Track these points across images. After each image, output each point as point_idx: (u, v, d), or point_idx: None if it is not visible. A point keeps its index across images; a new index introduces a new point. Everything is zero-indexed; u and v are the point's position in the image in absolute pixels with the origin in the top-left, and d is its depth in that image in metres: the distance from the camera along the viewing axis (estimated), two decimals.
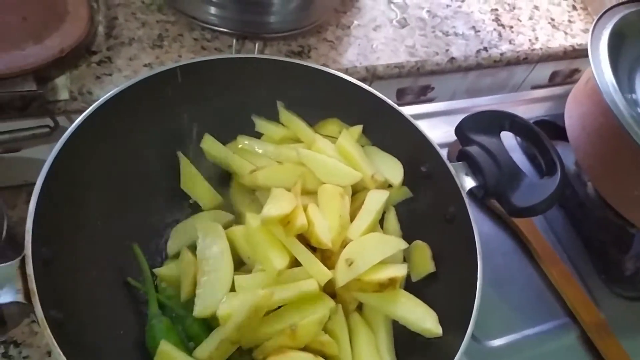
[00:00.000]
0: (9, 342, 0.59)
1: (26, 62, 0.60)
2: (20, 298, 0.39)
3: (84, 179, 0.50)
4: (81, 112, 0.50)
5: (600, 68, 0.62)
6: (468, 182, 0.54)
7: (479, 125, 0.57)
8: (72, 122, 0.65)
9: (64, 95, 0.65)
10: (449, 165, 0.54)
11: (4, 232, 0.55)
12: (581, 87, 0.70)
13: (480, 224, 0.70)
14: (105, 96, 0.51)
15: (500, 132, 0.57)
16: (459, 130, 0.57)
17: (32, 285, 0.39)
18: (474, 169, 0.54)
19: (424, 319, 0.49)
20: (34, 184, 0.69)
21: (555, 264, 0.66)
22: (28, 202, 0.69)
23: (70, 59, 0.67)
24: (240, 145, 0.58)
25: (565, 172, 0.53)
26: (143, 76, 0.53)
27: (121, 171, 0.53)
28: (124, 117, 0.53)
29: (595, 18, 0.67)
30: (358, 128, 0.59)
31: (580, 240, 0.71)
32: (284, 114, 0.60)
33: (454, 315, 0.49)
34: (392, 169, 0.57)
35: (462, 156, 0.55)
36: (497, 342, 0.61)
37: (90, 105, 0.51)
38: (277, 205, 0.48)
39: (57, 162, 0.46)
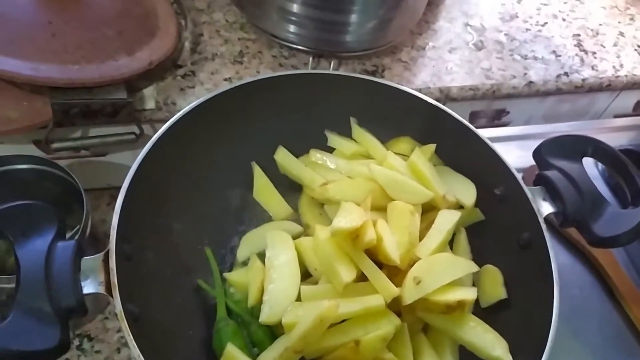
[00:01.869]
0: (84, 336, 0.63)
1: (118, 72, 0.64)
2: (102, 290, 0.42)
3: (165, 183, 0.53)
4: (165, 121, 0.53)
5: None
6: (546, 208, 0.52)
7: (559, 150, 0.55)
8: (155, 130, 0.69)
9: (150, 104, 0.69)
10: (526, 189, 0.52)
11: (88, 229, 0.58)
12: None
13: (555, 252, 0.67)
14: (188, 106, 0.54)
15: (582, 158, 0.54)
16: (537, 153, 0.55)
17: (114, 278, 0.41)
18: (553, 194, 0.52)
19: (493, 346, 0.47)
20: (116, 187, 0.74)
21: (636, 301, 0.62)
22: (110, 204, 0.74)
23: (158, 72, 0.71)
24: (312, 159, 0.59)
25: None
26: (223, 89, 0.56)
27: (199, 178, 0.56)
28: (204, 127, 0.55)
29: None
30: (431, 147, 0.59)
31: None
32: (357, 130, 0.60)
33: (525, 346, 0.47)
34: (465, 190, 0.56)
35: (540, 180, 0.53)
36: None
37: (174, 114, 0.53)
38: (348, 218, 0.48)
39: (142, 166, 0.48)
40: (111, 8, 0.69)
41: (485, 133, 0.79)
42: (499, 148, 0.55)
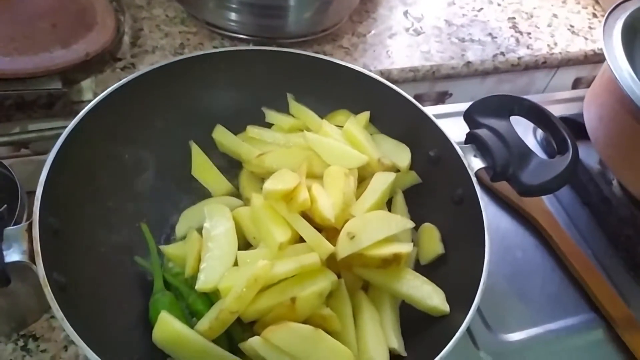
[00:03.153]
0: (28, 336, 0.60)
1: (53, 64, 0.64)
2: (25, 258, 0.41)
3: (98, 158, 0.52)
4: None
5: (614, 54, 0.61)
6: (476, 163, 0.53)
7: (487, 110, 0.56)
8: None
9: (88, 96, 0.69)
10: (457, 147, 0.53)
11: (25, 214, 0.56)
12: (598, 80, 0.69)
13: (499, 219, 0.69)
14: (120, 81, 0.53)
15: (509, 116, 0.56)
16: (467, 115, 0.56)
17: (37, 246, 0.41)
18: (483, 150, 0.53)
19: (430, 296, 0.47)
20: None
21: (578, 258, 0.63)
22: None
23: (96, 64, 0.70)
24: (250, 135, 0.59)
25: (577, 149, 0.51)
26: (156, 65, 0.56)
27: (133, 155, 0.55)
28: (137, 105, 0.55)
29: (608, 11, 0.67)
30: (365, 114, 0.59)
31: (606, 237, 0.68)
32: (294, 105, 0.61)
33: (463, 295, 0.47)
34: (399, 153, 0.57)
35: (470, 139, 0.55)
36: (517, 336, 0.58)
37: None
38: (280, 180, 0.48)
39: (71, 140, 0.48)
40: (44, 3, 0.69)
41: (432, 110, 0.81)
42: (446, 123, 0.55)
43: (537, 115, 0.55)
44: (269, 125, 0.62)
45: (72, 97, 0.67)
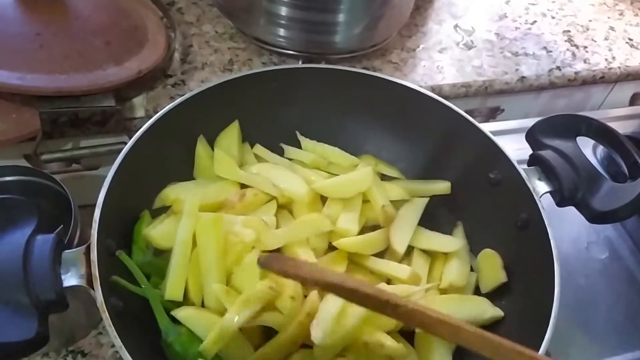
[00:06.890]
0: (77, 352, 0.61)
1: (106, 81, 0.64)
2: (83, 282, 0.40)
3: (151, 177, 0.52)
4: None
5: None
6: (541, 187, 0.50)
7: (552, 130, 0.54)
8: None
9: (140, 113, 0.69)
10: (520, 170, 0.51)
11: (78, 233, 0.56)
12: None
13: (559, 243, 0.65)
14: (182, 97, 0.53)
15: (575, 137, 0.53)
16: (530, 135, 0.54)
17: (95, 270, 0.40)
18: (548, 173, 0.51)
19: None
20: None
21: None
22: None
23: (148, 81, 0.71)
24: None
25: None
26: (211, 84, 0.55)
27: (185, 174, 0.55)
28: (192, 122, 0.55)
29: None
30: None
31: None
32: (306, 142, 0.60)
33: (529, 328, 0.44)
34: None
35: (534, 161, 0.52)
36: None
37: None
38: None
39: (128, 158, 0.48)
40: (99, 21, 0.70)
41: (483, 127, 0.79)
42: (498, 141, 0.53)
43: (607, 136, 0.52)
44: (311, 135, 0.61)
45: (124, 114, 0.68)
